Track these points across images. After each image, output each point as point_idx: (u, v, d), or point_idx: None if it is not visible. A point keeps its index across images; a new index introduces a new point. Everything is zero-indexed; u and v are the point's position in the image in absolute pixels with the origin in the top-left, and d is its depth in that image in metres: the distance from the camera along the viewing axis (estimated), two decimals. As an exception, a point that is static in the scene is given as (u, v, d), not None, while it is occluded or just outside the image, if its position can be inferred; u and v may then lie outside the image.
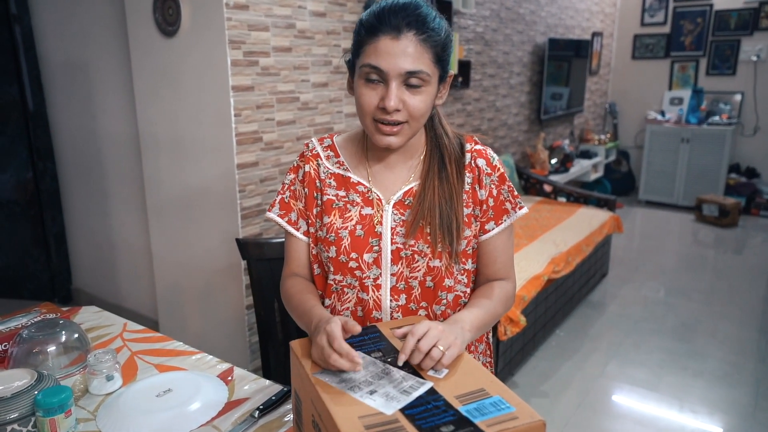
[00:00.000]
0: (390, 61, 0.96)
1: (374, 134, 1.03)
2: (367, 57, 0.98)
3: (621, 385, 2.68)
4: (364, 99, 1.00)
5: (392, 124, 1.00)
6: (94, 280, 3.38)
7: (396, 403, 0.79)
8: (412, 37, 0.96)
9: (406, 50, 0.96)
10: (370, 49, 0.98)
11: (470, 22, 3.71)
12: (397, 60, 0.96)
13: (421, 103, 1.00)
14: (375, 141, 1.04)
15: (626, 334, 3.19)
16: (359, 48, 1.00)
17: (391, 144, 1.02)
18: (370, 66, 0.98)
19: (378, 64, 0.97)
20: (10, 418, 1.04)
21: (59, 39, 3.05)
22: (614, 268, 4.13)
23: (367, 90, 1.00)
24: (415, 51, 0.96)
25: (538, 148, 4.68)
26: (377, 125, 1.01)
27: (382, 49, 0.96)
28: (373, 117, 1.01)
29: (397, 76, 0.97)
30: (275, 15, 2.32)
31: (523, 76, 4.55)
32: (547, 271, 2.80)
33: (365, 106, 1.00)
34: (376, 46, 0.97)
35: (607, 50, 6.29)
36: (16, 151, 3.27)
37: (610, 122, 6.54)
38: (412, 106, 0.99)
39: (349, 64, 1.07)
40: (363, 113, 1.02)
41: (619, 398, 2.58)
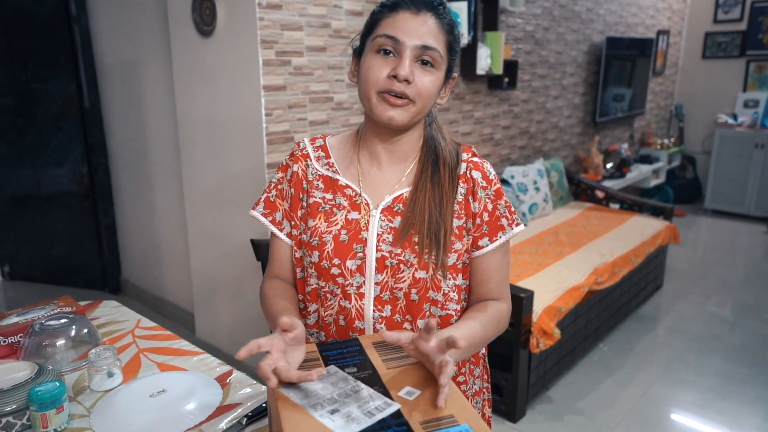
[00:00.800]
0: (408, 32, 0.95)
1: (377, 107, 0.97)
2: (384, 29, 0.97)
3: (666, 408, 2.50)
4: (373, 70, 0.96)
5: (399, 97, 0.96)
6: (141, 272, 3.51)
7: (355, 426, 0.74)
8: (430, 16, 0.97)
9: (424, 25, 0.96)
10: (387, 21, 0.97)
11: (519, 20, 3.58)
12: (415, 32, 0.95)
13: (430, 83, 0.98)
14: (377, 115, 0.98)
15: (677, 353, 2.98)
16: (375, 24, 0.99)
17: (394, 117, 0.97)
18: (386, 36, 0.96)
19: (395, 34, 0.95)
20: (5, 411, 1.06)
21: (113, 39, 3.18)
22: (670, 281, 3.89)
23: (378, 61, 0.96)
24: (431, 30, 0.97)
25: (592, 152, 4.47)
26: (382, 97, 0.97)
27: (400, 22, 0.96)
28: (378, 89, 0.96)
29: (413, 48, 0.95)
30: (310, 14, 2.31)
31: (577, 76, 4.36)
32: (589, 281, 2.66)
33: (372, 77, 0.96)
34: (394, 18, 0.96)
35: (674, 49, 5.95)
36: (72, 146, 3.44)
37: (676, 125, 6.18)
38: (421, 84, 0.96)
39: (356, 49, 1.05)
40: (368, 85, 0.97)
41: (663, 422, 2.41)
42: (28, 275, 3.81)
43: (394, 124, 0.98)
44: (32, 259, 3.76)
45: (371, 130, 1.06)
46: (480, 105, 3.44)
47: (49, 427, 1.06)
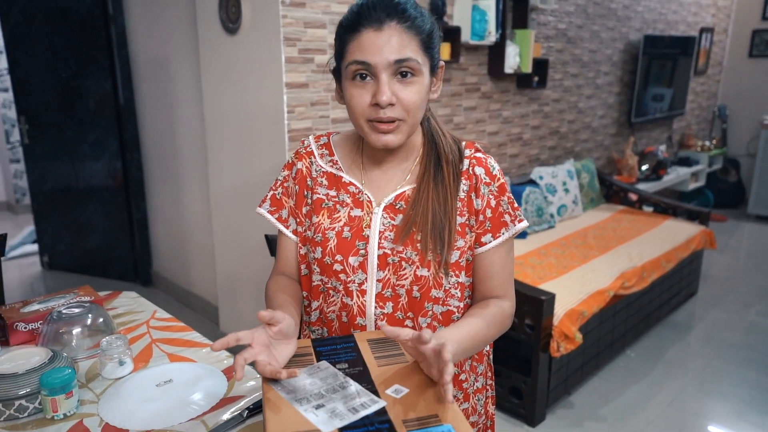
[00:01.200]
0: (375, 53, 0.90)
1: (370, 135, 0.96)
2: (352, 54, 0.92)
3: (692, 419, 2.42)
4: (355, 100, 0.94)
5: (388, 122, 0.94)
6: (170, 265, 3.59)
7: (338, 421, 0.74)
8: (395, 26, 0.91)
9: (390, 40, 0.90)
10: (353, 46, 0.92)
11: (551, 18, 3.51)
12: (383, 51, 0.90)
13: (415, 94, 0.94)
14: (372, 142, 0.97)
15: (709, 362, 2.88)
16: (342, 49, 0.95)
17: (389, 143, 0.96)
18: (356, 62, 0.92)
19: (364, 58, 0.91)
20: (19, 394, 1.10)
21: (146, 37, 3.26)
22: (706, 288, 3.75)
23: (357, 90, 0.94)
24: (400, 39, 0.91)
25: (627, 153, 4.35)
26: (372, 125, 0.95)
27: (365, 43, 0.91)
28: (366, 117, 0.95)
29: (386, 67, 0.91)
30: (333, 12, 2.32)
31: (612, 75, 4.25)
32: (615, 286, 2.59)
33: (357, 107, 0.95)
34: (359, 41, 0.91)
35: (718, 47, 5.73)
36: (108, 142, 3.55)
37: (719, 127, 5.96)
38: (406, 99, 0.93)
39: (334, 72, 1.02)
40: (355, 115, 0.96)
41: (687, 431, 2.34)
42: (66, 265, 3.96)
43: (391, 148, 0.97)
44: (70, 250, 3.90)
45: None
46: (508, 104, 3.39)
47: (59, 412, 1.09)
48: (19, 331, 1.38)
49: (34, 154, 3.80)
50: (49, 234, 3.94)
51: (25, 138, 3.77)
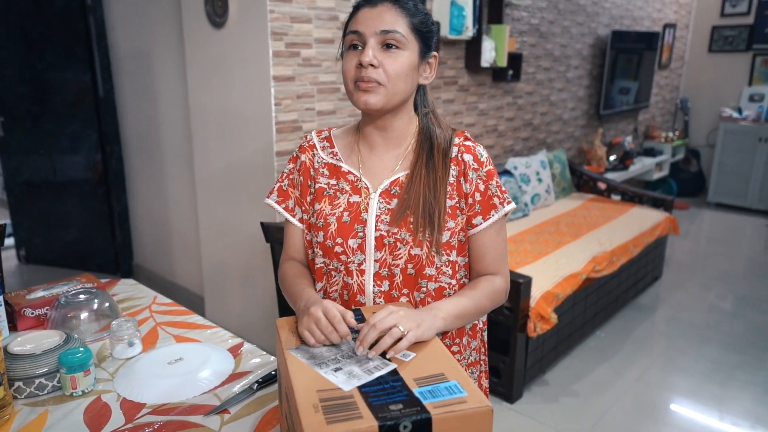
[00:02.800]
0: (367, 24, 1.05)
1: (354, 95, 1.08)
2: (349, 27, 1.08)
3: (658, 392, 2.59)
4: (346, 66, 1.08)
5: (369, 81, 1.05)
6: (152, 257, 3.61)
7: (356, 381, 0.83)
8: (387, 5, 1.06)
9: (381, 14, 1.05)
10: (352, 22, 1.08)
11: (524, 13, 3.64)
12: (373, 21, 1.05)
13: (398, 64, 1.06)
14: (355, 102, 1.09)
15: (673, 340, 3.06)
16: (345, 29, 1.11)
17: (368, 102, 1.06)
18: (351, 32, 1.07)
19: (357, 27, 1.06)
20: (38, 373, 1.16)
21: (127, 29, 3.27)
22: (669, 272, 3.96)
23: (349, 57, 1.08)
24: (389, 15, 1.05)
25: (596, 144, 4.53)
26: (356, 85, 1.07)
27: (360, 17, 1.07)
28: (353, 79, 1.07)
29: (373, 35, 1.05)
30: (318, 7, 2.38)
31: (582, 69, 4.41)
32: (587, 269, 2.73)
33: (347, 72, 1.08)
34: (356, 16, 1.08)
35: (680, 43, 5.97)
36: (87, 134, 3.54)
37: (681, 119, 6.22)
38: (388, 66, 1.05)
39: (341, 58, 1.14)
40: (345, 80, 1.09)
41: (655, 404, 2.50)
42: (44, 259, 3.93)
43: (370, 108, 1.07)
44: (47, 243, 3.88)
45: (365, 121, 1.16)
46: (484, 97, 3.51)
47: (78, 389, 1.16)
48: (26, 317, 1.43)
49: (10, 147, 3.75)
50: (25, 228, 3.91)
51: (0, 131, 3.72)
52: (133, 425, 1.07)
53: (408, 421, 0.74)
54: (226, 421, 1.09)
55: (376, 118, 1.13)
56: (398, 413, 0.75)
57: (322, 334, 0.92)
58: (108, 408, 1.13)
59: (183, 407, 1.13)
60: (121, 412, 1.11)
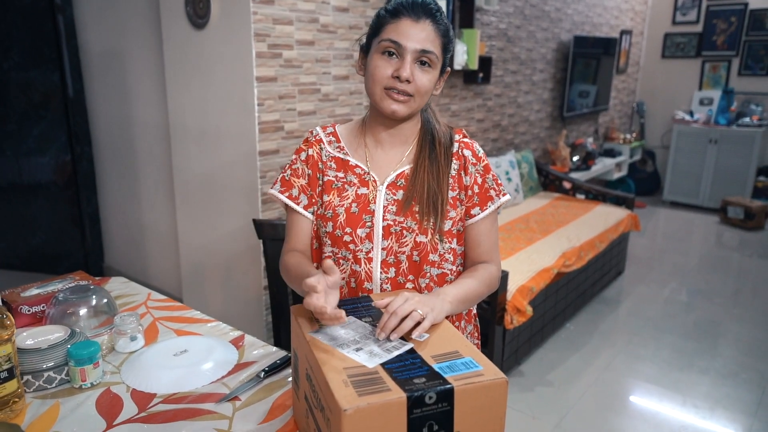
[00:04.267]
0: (409, 38, 1.10)
1: (383, 101, 1.14)
2: (388, 33, 1.12)
3: (626, 379, 2.73)
4: (379, 69, 1.12)
5: (402, 94, 1.12)
6: (124, 258, 3.57)
7: (378, 359, 0.89)
8: (428, 23, 1.12)
9: (423, 31, 1.11)
10: (391, 27, 1.12)
11: (493, 18, 3.76)
12: (415, 38, 1.10)
13: (428, 81, 1.14)
14: (382, 108, 1.14)
15: (637, 331, 3.22)
16: (380, 27, 1.15)
17: (397, 111, 1.13)
18: (390, 41, 1.11)
19: (398, 39, 1.10)
20: (46, 366, 1.18)
21: (98, 29, 3.23)
22: (631, 267, 4.15)
23: (383, 62, 1.12)
24: (429, 35, 1.12)
25: (560, 145, 4.71)
26: (387, 92, 1.13)
27: (402, 28, 1.11)
28: (384, 86, 1.13)
29: (413, 52, 1.11)
30: (299, 9, 2.43)
31: (546, 73, 4.58)
32: (558, 264, 2.86)
33: (379, 75, 1.12)
34: (397, 25, 1.11)
35: (636, 48, 6.25)
36: (56, 135, 3.47)
37: (637, 121, 6.50)
38: (420, 82, 1.12)
39: (363, 46, 1.21)
40: (375, 82, 1.13)
41: (623, 391, 2.64)
42: (9, 263, 3.82)
43: (397, 117, 1.15)
44: (13, 247, 3.78)
45: (376, 119, 1.22)
46: (456, 99, 3.62)
47: (87, 381, 1.18)
48: (23, 314, 1.43)
49: (-28, 147, 3.64)
50: (-12, 231, 3.80)
51: (-38, 131, 3.61)
52: (147, 413, 1.10)
53: (433, 392, 0.80)
54: (237, 408, 1.13)
55: (390, 121, 1.20)
56: (423, 386, 0.81)
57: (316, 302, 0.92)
58: (119, 398, 1.15)
59: (194, 396, 1.17)
60: (133, 402, 1.14)
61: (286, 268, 1.22)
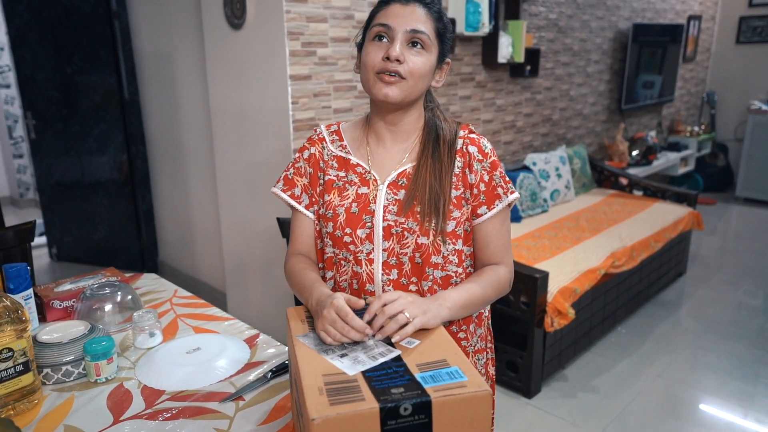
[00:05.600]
0: (398, 19, 1.08)
1: (374, 86, 1.10)
2: (378, 19, 1.10)
3: (680, 388, 2.56)
4: (370, 55, 1.10)
5: (392, 75, 1.08)
6: (176, 254, 3.70)
7: (360, 366, 0.86)
8: (418, 6, 1.10)
9: (413, 13, 1.09)
10: (381, 13, 1.10)
11: (542, 8, 3.62)
12: (404, 19, 1.08)
13: (421, 63, 1.10)
14: (375, 94, 1.11)
15: (696, 336, 3.02)
16: (371, 18, 1.13)
17: (389, 94, 1.09)
18: (380, 24, 1.09)
19: (387, 21, 1.08)
20: (65, 360, 1.22)
21: (150, 32, 3.35)
22: (694, 268, 3.90)
23: (374, 47, 1.10)
24: (420, 16, 1.09)
25: (617, 139, 4.48)
26: (379, 76, 1.09)
27: (391, 12, 1.09)
28: (375, 70, 1.09)
29: (403, 33, 1.08)
30: (334, 6, 2.42)
31: (602, 63, 4.37)
32: (605, 265, 2.72)
33: (370, 62, 1.09)
34: (386, 10, 1.10)
35: (706, 35, 5.86)
36: (113, 135, 3.64)
37: (707, 112, 6.10)
38: (412, 63, 1.08)
39: (359, 44, 1.18)
40: (367, 68, 1.10)
41: (675, 400, 2.47)
42: (74, 257, 4.06)
43: (390, 100, 1.10)
44: (77, 241, 4.01)
45: (375, 112, 1.19)
46: (502, 93, 3.51)
47: (101, 375, 1.21)
48: (54, 308, 1.49)
49: (41, 148, 3.89)
50: (56, 227, 4.04)
51: (32, 133, 3.86)
52: (152, 410, 1.12)
53: (408, 403, 0.76)
54: (240, 408, 1.13)
55: (387, 113, 1.16)
56: (399, 396, 0.77)
57: (339, 333, 0.93)
58: (129, 394, 1.18)
59: (200, 394, 1.18)
60: (142, 398, 1.16)
61: (291, 274, 1.20)
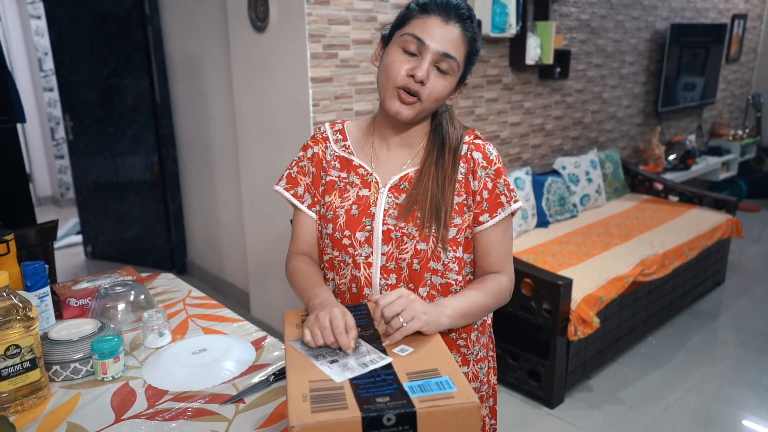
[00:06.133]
0: (434, 38, 1.02)
1: (390, 100, 1.06)
2: (413, 28, 1.04)
3: (715, 403, 2.45)
4: (395, 65, 1.04)
5: (411, 94, 1.04)
6: (204, 254, 3.76)
7: (349, 373, 0.84)
8: (457, 27, 1.04)
9: (449, 34, 1.03)
10: (418, 22, 1.04)
11: (573, 9, 3.54)
12: (440, 40, 1.03)
13: (442, 88, 1.06)
14: (387, 107, 1.07)
15: (734, 350, 2.89)
16: (406, 20, 1.07)
17: (400, 113, 1.06)
18: (414, 36, 1.03)
19: (422, 36, 1.03)
20: (74, 358, 1.24)
21: (180, 36, 3.42)
22: (734, 277, 3.74)
23: (400, 57, 1.04)
24: (455, 40, 1.04)
25: (653, 143, 4.34)
26: (397, 92, 1.05)
27: (429, 26, 1.03)
28: (396, 84, 1.05)
29: (434, 54, 1.03)
30: (356, 9, 2.41)
31: (637, 65, 4.24)
32: (634, 272, 2.62)
33: (394, 71, 1.04)
34: (425, 21, 1.03)
35: (752, 34, 5.62)
36: (145, 137, 3.73)
37: (752, 115, 5.85)
38: (433, 87, 1.04)
39: (384, 37, 1.13)
40: (389, 77, 1.05)
41: (709, 416, 2.37)
42: (108, 255, 4.18)
43: (400, 118, 1.07)
44: (110, 240, 4.12)
45: (385, 119, 1.15)
46: (530, 95, 3.44)
47: (108, 374, 1.23)
48: (71, 306, 1.52)
49: (78, 149, 4.01)
50: (92, 225, 4.16)
51: (70, 134, 3.98)
52: (153, 410, 1.13)
53: (392, 413, 0.74)
54: (240, 410, 1.12)
55: (398, 124, 1.13)
56: (383, 405, 0.75)
57: (323, 338, 0.92)
58: (134, 393, 1.19)
59: (202, 395, 1.18)
60: (145, 398, 1.17)
61: (292, 274, 1.19)
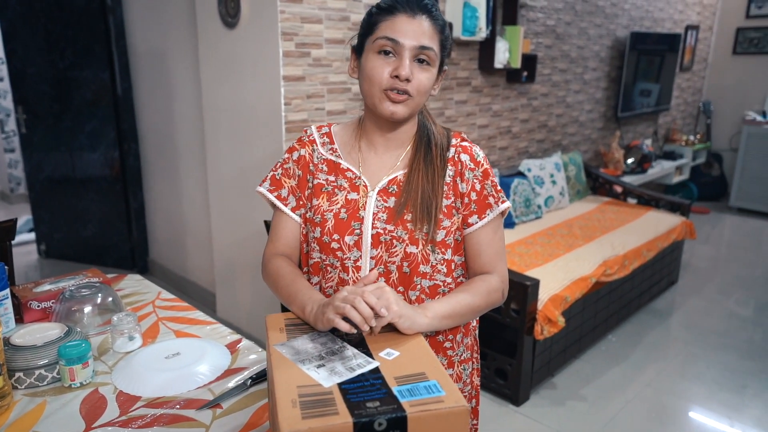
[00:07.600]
0: (406, 34, 1.04)
1: (381, 103, 1.07)
2: (383, 31, 1.05)
3: (668, 397, 2.55)
4: (377, 70, 1.05)
5: (401, 93, 1.05)
6: (167, 253, 3.67)
7: (337, 377, 0.83)
8: (425, 18, 1.06)
9: (420, 27, 1.05)
10: (386, 24, 1.05)
11: (540, 15, 3.61)
12: (413, 35, 1.04)
13: (427, 80, 1.07)
14: (381, 111, 1.08)
15: (686, 346, 3.01)
16: (373, 26, 1.07)
17: (396, 112, 1.07)
18: (386, 38, 1.04)
19: (395, 36, 1.04)
20: (38, 364, 1.19)
21: (145, 29, 3.32)
22: (686, 277, 3.89)
23: (380, 62, 1.05)
24: (427, 31, 1.05)
25: (613, 147, 4.47)
26: (386, 93, 1.06)
27: (398, 25, 1.04)
28: (382, 87, 1.06)
29: (411, 49, 1.04)
30: (329, 8, 2.40)
31: (599, 71, 4.36)
32: (597, 273, 2.70)
33: (377, 77, 1.05)
34: (393, 21, 1.05)
35: (703, 44, 5.86)
36: (105, 132, 3.61)
37: (703, 122, 6.10)
38: (419, 81, 1.06)
39: (355, 47, 1.14)
40: (372, 83, 1.06)
41: (664, 409, 2.46)
42: (63, 253, 4.02)
43: (396, 118, 1.08)
44: (66, 238, 3.97)
45: (372, 121, 1.15)
46: (498, 98, 3.49)
47: (76, 380, 1.18)
48: (32, 309, 1.46)
49: (32, 143, 3.85)
50: (46, 223, 4.00)
51: (23, 127, 3.82)
52: (126, 417, 1.09)
53: (383, 418, 0.74)
54: (217, 416, 1.10)
55: (386, 124, 1.13)
56: (374, 410, 0.75)
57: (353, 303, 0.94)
58: (104, 400, 1.15)
59: (177, 401, 1.15)
60: (117, 405, 1.13)
61: (275, 277, 1.16)
